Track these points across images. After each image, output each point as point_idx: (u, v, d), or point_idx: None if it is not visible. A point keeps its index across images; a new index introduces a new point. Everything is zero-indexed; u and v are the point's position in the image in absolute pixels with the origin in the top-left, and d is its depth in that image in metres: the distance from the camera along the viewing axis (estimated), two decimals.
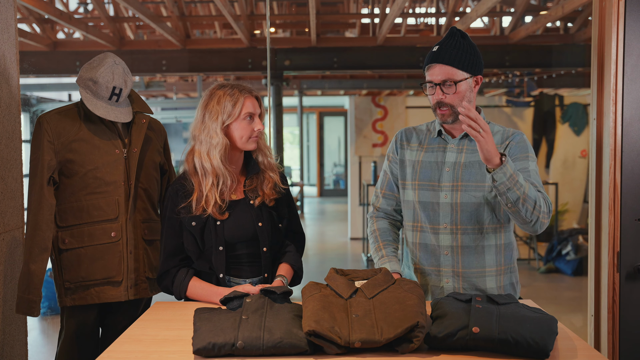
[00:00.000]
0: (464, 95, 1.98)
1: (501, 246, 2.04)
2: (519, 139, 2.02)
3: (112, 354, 1.61)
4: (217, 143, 2.02)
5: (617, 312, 2.45)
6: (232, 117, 2.04)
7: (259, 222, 2.09)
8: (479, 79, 2.03)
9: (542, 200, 1.87)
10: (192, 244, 2.07)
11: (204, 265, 2.08)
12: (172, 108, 11.69)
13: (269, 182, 2.14)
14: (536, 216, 1.86)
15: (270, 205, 2.13)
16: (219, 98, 2.04)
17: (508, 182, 1.80)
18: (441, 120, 2.03)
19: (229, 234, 2.06)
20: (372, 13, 6.65)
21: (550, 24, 6.75)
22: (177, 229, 2.08)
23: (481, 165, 2.01)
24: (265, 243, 2.10)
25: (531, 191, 1.84)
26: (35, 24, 6.52)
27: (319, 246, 8.89)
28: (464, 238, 2.02)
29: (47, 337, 4.95)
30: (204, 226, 2.05)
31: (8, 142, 2.44)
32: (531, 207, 1.84)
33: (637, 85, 2.41)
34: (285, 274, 2.11)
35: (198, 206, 2.04)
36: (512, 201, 1.83)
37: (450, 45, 1.98)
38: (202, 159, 2.04)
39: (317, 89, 10.43)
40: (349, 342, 1.55)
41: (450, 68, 1.96)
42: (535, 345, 1.51)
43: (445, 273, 2.05)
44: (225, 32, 7.91)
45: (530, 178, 1.94)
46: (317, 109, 15.74)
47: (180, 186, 2.09)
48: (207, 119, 2.04)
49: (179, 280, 2.07)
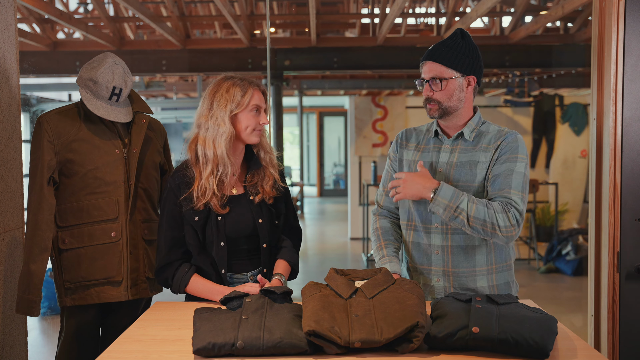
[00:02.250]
0: (452, 93, 2.03)
1: (491, 245, 2.05)
2: (510, 139, 2.03)
3: (112, 354, 1.61)
4: (224, 131, 2.03)
5: (617, 312, 2.45)
6: (241, 106, 2.05)
7: (259, 219, 2.11)
8: (472, 80, 2.05)
9: (496, 216, 1.90)
10: (194, 237, 2.07)
11: (204, 260, 2.08)
12: (172, 108, 11.69)
13: (269, 179, 2.15)
14: (490, 233, 1.92)
15: (269, 203, 2.14)
16: (229, 87, 2.05)
17: (447, 212, 1.92)
18: (429, 115, 2.09)
19: (230, 229, 2.07)
20: (372, 13, 6.65)
21: (550, 24, 6.75)
22: (179, 221, 2.07)
23: (472, 165, 2.03)
24: (265, 239, 2.12)
25: (479, 212, 1.90)
26: (35, 24, 6.53)
27: (319, 246, 8.89)
28: (455, 238, 2.04)
29: (47, 337, 4.95)
30: (205, 221, 2.06)
31: (8, 142, 2.44)
32: (480, 227, 1.91)
33: (637, 85, 2.41)
34: (282, 272, 2.12)
35: (199, 197, 2.04)
36: (460, 225, 1.93)
37: (445, 45, 2.04)
38: (205, 147, 2.04)
39: (317, 89, 10.43)
40: (349, 342, 1.55)
41: (439, 66, 2.02)
42: (535, 345, 1.51)
43: (436, 272, 2.07)
44: (225, 32, 7.91)
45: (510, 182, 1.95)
46: (317, 109, 15.74)
47: (181, 177, 2.08)
48: (215, 106, 2.04)
49: (181, 274, 2.06)
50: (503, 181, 1.96)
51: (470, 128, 2.07)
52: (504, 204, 1.92)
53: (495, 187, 1.97)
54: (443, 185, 1.92)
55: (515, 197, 1.94)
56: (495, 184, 1.98)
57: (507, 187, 1.95)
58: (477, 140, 2.07)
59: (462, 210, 1.90)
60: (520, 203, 1.94)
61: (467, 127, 2.07)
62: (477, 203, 1.91)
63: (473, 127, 2.08)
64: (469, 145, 2.06)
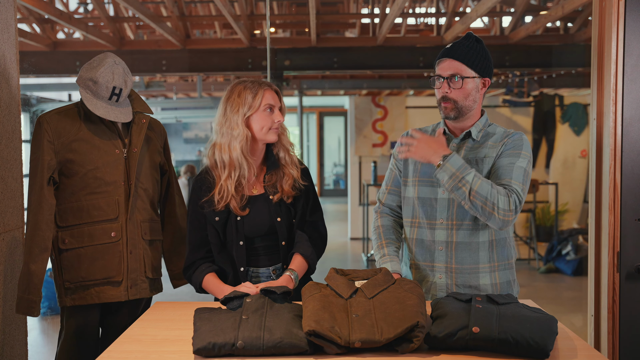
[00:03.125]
0: (469, 93, 2.03)
1: (493, 242, 2.05)
2: (516, 137, 2.05)
3: (112, 354, 1.61)
4: (238, 134, 2.09)
5: (617, 312, 2.45)
6: (253, 108, 2.10)
7: (278, 217, 2.15)
8: (487, 82, 2.08)
9: (498, 197, 1.90)
10: (215, 236, 2.15)
11: (225, 259, 2.14)
12: (172, 108, 11.67)
13: (288, 178, 2.18)
14: (489, 212, 1.90)
15: (288, 202, 2.17)
16: (240, 91, 2.11)
17: (451, 181, 1.91)
18: (444, 114, 2.07)
19: (249, 230, 2.13)
20: (372, 13, 6.65)
21: (550, 24, 6.75)
22: (202, 222, 2.16)
23: (478, 161, 2.04)
24: (284, 237, 2.16)
25: (482, 188, 1.89)
26: (35, 24, 6.52)
27: None
28: (459, 234, 2.04)
29: (47, 337, 4.95)
30: (226, 221, 2.13)
31: (8, 142, 2.44)
32: (480, 203, 1.89)
33: (637, 85, 2.41)
34: (295, 268, 2.13)
35: (220, 199, 2.11)
36: (461, 198, 1.92)
37: (463, 45, 2.05)
38: (222, 152, 2.12)
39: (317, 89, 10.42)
40: (349, 342, 1.55)
41: (459, 64, 2.02)
42: (535, 345, 1.51)
43: (439, 269, 2.07)
44: (225, 32, 7.91)
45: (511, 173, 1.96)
46: (317, 109, 15.73)
47: (202, 180, 2.17)
48: (228, 111, 2.11)
49: (199, 272, 2.14)
50: (504, 172, 1.98)
51: (477, 128, 2.09)
52: (507, 189, 1.93)
53: (496, 177, 1.99)
54: (454, 154, 1.93)
55: (515, 185, 1.95)
56: (497, 174, 1.99)
57: (507, 177, 1.96)
58: (483, 140, 2.08)
59: (467, 182, 1.89)
60: (520, 193, 1.94)
61: (474, 127, 2.09)
62: (482, 180, 1.91)
63: (480, 127, 2.10)
64: (476, 144, 2.08)
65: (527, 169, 2.00)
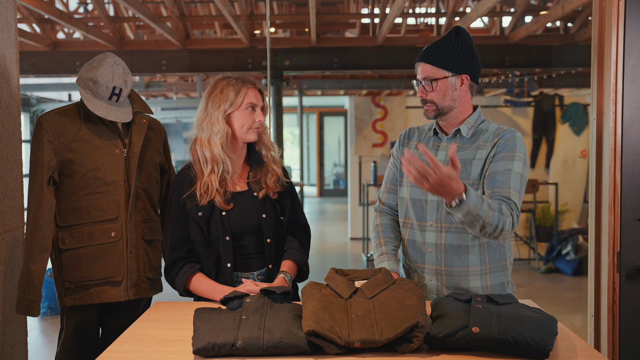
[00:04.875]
0: (445, 93, 2.03)
1: (484, 245, 2.03)
2: (508, 137, 2.01)
3: (112, 354, 1.61)
4: (219, 130, 2.07)
5: (617, 312, 2.45)
6: (234, 106, 2.09)
7: (263, 214, 2.12)
8: (465, 78, 2.04)
9: (505, 221, 1.85)
10: (199, 233, 2.10)
11: (210, 256, 2.09)
12: (172, 108, 11.69)
13: (272, 175, 2.17)
14: (494, 236, 1.88)
15: (273, 198, 2.16)
16: (223, 87, 2.09)
17: (465, 219, 1.79)
18: (426, 116, 2.10)
19: (235, 225, 2.09)
20: (372, 13, 6.65)
21: (550, 24, 6.76)
22: (183, 219, 2.12)
23: (466, 163, 2.02)
24: (269, 234, 2.13)
25: (493, 219, 1.82)
26: (35, 24, 6.52)
27: (319, 246, 8.88)
28: (448, 236, 2.03)
29: (47, 337, 4.95)
30: (209, 216, 2.09)
31: (8, 142, 2.44)
32: (490, 231, 1.85)
33: (637, 85, 2.41)
34: (288, 270, 2.12)
35: (202, 194, 2.08)
36: (472, 229, 1.85)
37: (437, 45, 2.05)
38: (202, 147, 2.09)
39: (317, 89, 10.43)
40: (349, 342, 1.55)
41: (429, 66, 2.04)
42: (535, 345, 1.51)
43: (429, 271, 2.07)
44: (225, 32, 7.91)
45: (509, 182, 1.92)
46: (317, 109, 15.74)
47: (184, 176, 2.14)
48: (209, 107, 2.09)
49: (182, 273, 2.09)
50: (501, 180, 1.93)
51: (468, 125, 2.07)
52: (509, 207, 1.89)
53: (493, 185, 1.94)
54: (470, 193, 1.76)
55: (514, 198, 1.92)
56: (493, 182, 1.94)
57: (506, 187, 1.92)
58: (474, 138, 2.06)
59: (480, 217, 1.80)
60: (518, 206, 1.93)
61: (464, 125, 2.06)
62: (489, 209, 1.82)
63: (471, 124, 2.07)
64: (466, 143, 2.06)
65: (524, 173, 1.97)
